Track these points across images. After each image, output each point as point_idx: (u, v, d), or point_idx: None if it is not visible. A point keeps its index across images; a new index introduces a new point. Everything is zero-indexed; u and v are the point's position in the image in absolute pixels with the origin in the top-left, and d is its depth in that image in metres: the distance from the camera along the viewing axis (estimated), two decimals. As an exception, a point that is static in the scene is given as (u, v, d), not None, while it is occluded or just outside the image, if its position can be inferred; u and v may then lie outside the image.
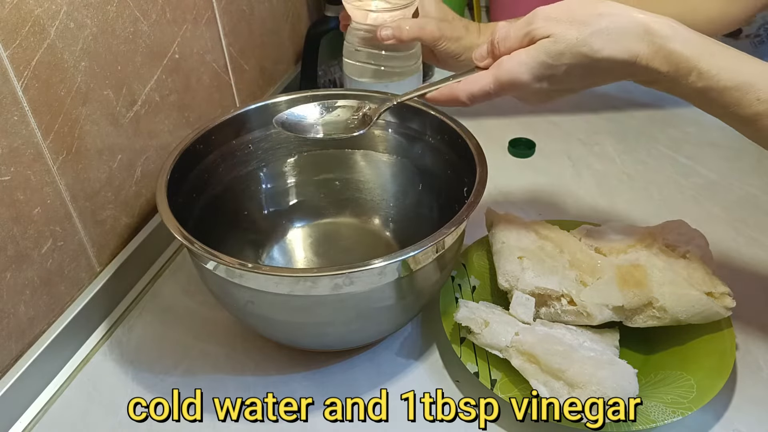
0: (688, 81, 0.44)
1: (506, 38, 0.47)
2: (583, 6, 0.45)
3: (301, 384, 0.55)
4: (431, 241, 0.47)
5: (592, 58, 0.44)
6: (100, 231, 0.60)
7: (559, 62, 0.45)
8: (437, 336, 0.59)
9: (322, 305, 0.48)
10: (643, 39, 0.44)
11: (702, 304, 0.51)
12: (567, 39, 0.44)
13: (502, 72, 0.47)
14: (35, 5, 0.49)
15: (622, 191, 0.74)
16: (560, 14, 0.45)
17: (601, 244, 0.57)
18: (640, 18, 0.44)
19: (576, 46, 0.44)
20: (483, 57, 0.50)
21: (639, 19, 0.44)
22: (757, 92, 0.43)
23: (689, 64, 0.43)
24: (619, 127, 0.86)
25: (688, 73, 0.44)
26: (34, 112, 0.50)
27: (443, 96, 0.51)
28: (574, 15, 0.44)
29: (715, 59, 0.43)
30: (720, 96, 0.44)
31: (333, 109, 0.56)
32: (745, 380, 0.53)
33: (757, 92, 0.43)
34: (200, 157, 0.59)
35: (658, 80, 0.45)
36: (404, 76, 0.72)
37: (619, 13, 0.44)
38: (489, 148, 0.56)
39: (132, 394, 0.54)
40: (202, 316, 0.61)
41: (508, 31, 0.47)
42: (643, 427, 0.47)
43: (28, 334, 0.54)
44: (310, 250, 0.67)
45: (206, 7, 0.70)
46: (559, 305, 0.53)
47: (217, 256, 0.46)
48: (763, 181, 0.75)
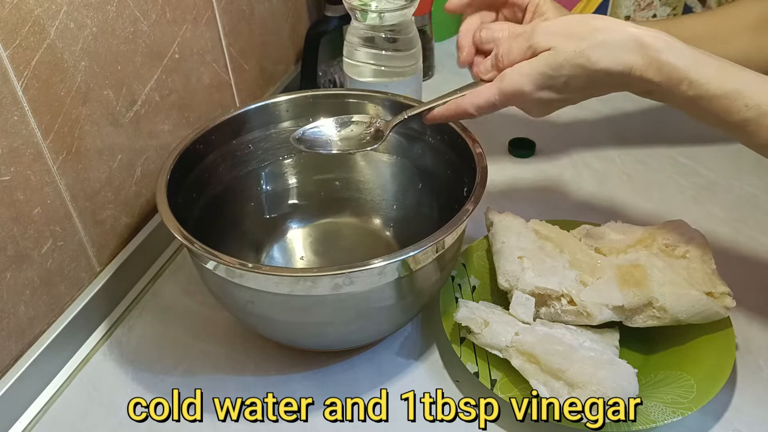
0: (680, 90, 0.46)
1: (509, 52, 0.50)
2: (580, 22, 0.47)
3: (301, 384, 0.55)
4: (431, 241, 0.47)
5: (590, 70, 0.47)
6: (100, 231, 0.60)
7: (559, 73, 0.47)
8: (437, 336, 0.58)
9: (322, 305, 0.48)
10: (637, 51, 0.46)
11: (702, 304, 0.51)
12: (566, 52, 0.47)
13: (505, 83, 0.49)
14: (35, 5, 0.49)
15: (622, 191, 0.74)
16: (559, 29, 0.48)
17: (601, 244, 0.57)
18: (634, 32, 0.46)
19: (574, 58, 0.47)
20: (488, 70, 0.52)
21: (633, 33, 0.46)
22: (744, 99, 0.45)
23: (680, 74, 0.46)
24: (619, 127, 0.86)
25: (679, 82, 0.46)
26: (34, 112, 0.50)
27: (450, 111, 0.53)
28: (572, 30, 0.47)
29: (705, 69, 0.46)
30: (710, 104, 0.46)
31: (348, 125, 0.57)
32: (745, 380, 0.53)
33: (745, 99, 0.45)
34: (200, 157, 0.59)
35: (652, 90, 0.47)
36: (404, 76, 0.72)
37: (614, 28, 0.47)
38: (489, 148, 0.56)
39: (132, 394, 0.54)
40: (202, 316, 0.61)
41: (510, 46, 0.50)
42: (643, 427, 0.47)
43: (28, 334, 0.54)
44: (310, 250, 0.67)
45: (206, 7, 0.70)
46: (559, 305, 0.53)
47: (217, 256, 0.46)
48: (763, 181, 0.75)
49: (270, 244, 0.66)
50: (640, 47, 0.46)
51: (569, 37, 0.47)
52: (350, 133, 0.57)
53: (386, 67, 0.71)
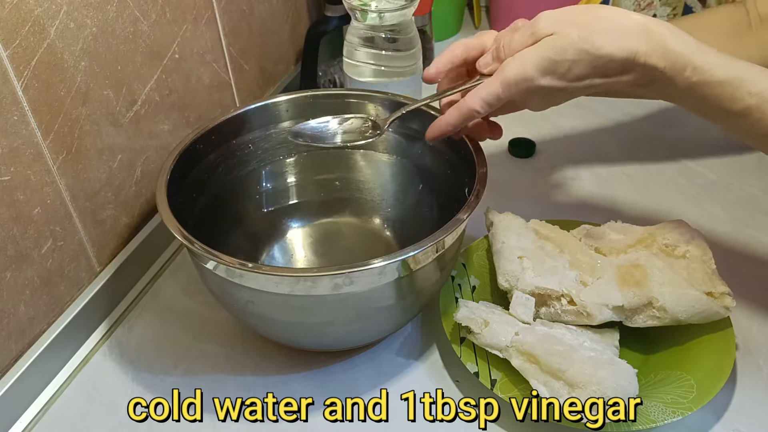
0: (684, 76, 0.46)
1: (511, 42, 0.49)
2: (584, 10, 0.48)
3: (301, 384, 0.55)
4: (431, 241, 0.47)
5: (594, 55, 0.46)
6: (100, 231, 0.60)
7: (562, 58, 0.47)
8: (437, 336, 0.58)
9: (322, 305, 0.48)
10: (641, 37, 0.46)
11: (702, 304, 0.51)
12: (570, 36, 0.47)
13: (507, 71, 0.49)
14: (35, 5, 0.49)
15: (622, 191, 0.74)
16: (563, 16, 0.48)
17: (601, 244, 0.57)
18: (639, 19, 0.47)
19: (578, 43, 0.46)
20: (488, 63, 0.52)
21: (638, 20, 0.47)
22: (748, 86, 0.46)
23: (685, 60, 0.46)
24: (619, 127, 0.86)
25: (683, 68, 0.46)
26: (34, 112, 0.50)
27: (454, 117, 0.52)
28: (576, 18, 0.47)
29: (709, 56, 0.46)
30: (713, 91, 0.47)
31: (346, 120, 0.58)
32: (745, 380, 0.53)
33: (748, 86, 0.46)
34: (200, 157, 0.59)
35: (656, 78, 0.47)
36: (404, 76, 0.72)
37: (618, 15, 0.47)
38: (489, 148, 0.56)
39: (132, 394, 0.54)
40: (202, 316, 0.61)
41: (512, 36, 0.49)
42: (643, 427, 0.47)
43: (28, 334, 0.54)
44: (310, 250, 0.67)
45: (206, 7, 0.70)
46: (559, 305, 0.53)
47: (217, 256, 0.46)
48: (763, 181, 0.75)
49: (270, 244, 0.66)
50: (645, 33, 0.46)
51: (573, 24, 0.47)
52: (348, 127, 0.57)
53: (386, 67, 0.71)
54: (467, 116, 0.51)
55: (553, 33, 0.47)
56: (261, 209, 0.66)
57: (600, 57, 0.46)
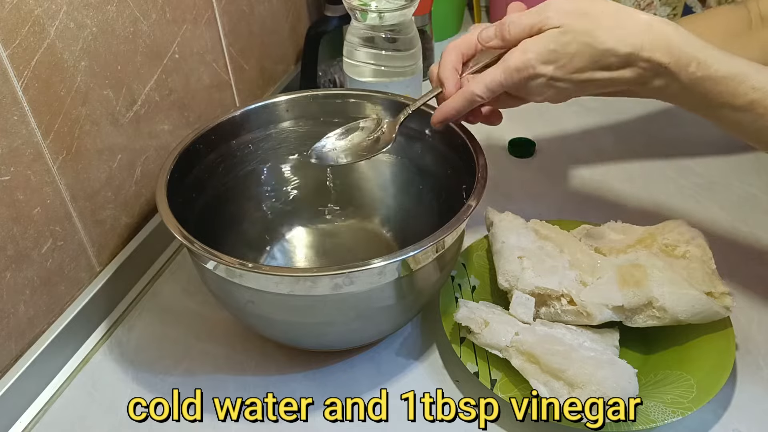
0: (688, 71, 0.47)
1: (517, 21, 0.49)
2: (591, 3, 0.48)
3: (301, 384, 0.55)
4: (431, 241, 0.47)
5: (597, 49, 0.47)
6: (100, 231, 0.60)
7: (565, 50, 0.48)
8: (437, 336, 0.58)
9: (322, 305, 0.48)
10: (645, 33, 0.47)
11: (702, 304, 0.51)
12: (575, 29, 0.47)
13: (510, 59, 0.49)
14: (35, 5, 0.49)
15: (622, 191, 0.74)
16: (571, 8, 0.48)
17: (601, 244, 0.57)
18: (643, 17, 0.48)
19: (582, 35, 0.47)
20: (490, 38, 0.51)
21: (642, 17, 0.48)
22: (751, 81, 0.47)
23: (689, 55, 0.47)
24: (619, 127, 0.86)
25: (688, 63, 0.47)
26: (34, 112, 0.50)
27: (458, 102, 0.52)
28: (583, 10, 0.48)
29: (712, 52, 0.47)
30: (716, 86, 0.47)
31: (354, 131, 0.58)
32: (745, 380, 0.53)
33: (752, 81, 0.47)
34: (200, 157, 0.59)
35: (659, 74, 0.48)
36: (404, 76, 0.72)
37: (623, 10, 0.48)
38: (489, 148, 0.56)
39: (132, 394, 0.54)
40: (202, 316, 0.61)
41: (519, 16, 0.50)
42: (643, 427, 0.47)
43: (28, 334, 0.54)
44: (310, 250, 0.67)
45: (206, 7, 0.70)
46: (559, 305, 0.53)
47: (217, 256, 0.46)
48: (763, 181, 0.75)
49: (270, 244, 0.66)
50: (649, 29, 0.47)
51: (579, 17, 0.47)
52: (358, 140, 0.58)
53: (386, 67, 0.71)
54: (471, 101, 0.52)
55: (560, 26, 0.48)
56: (261, 209, 0.66)
57: (603, 51, 0.47)
